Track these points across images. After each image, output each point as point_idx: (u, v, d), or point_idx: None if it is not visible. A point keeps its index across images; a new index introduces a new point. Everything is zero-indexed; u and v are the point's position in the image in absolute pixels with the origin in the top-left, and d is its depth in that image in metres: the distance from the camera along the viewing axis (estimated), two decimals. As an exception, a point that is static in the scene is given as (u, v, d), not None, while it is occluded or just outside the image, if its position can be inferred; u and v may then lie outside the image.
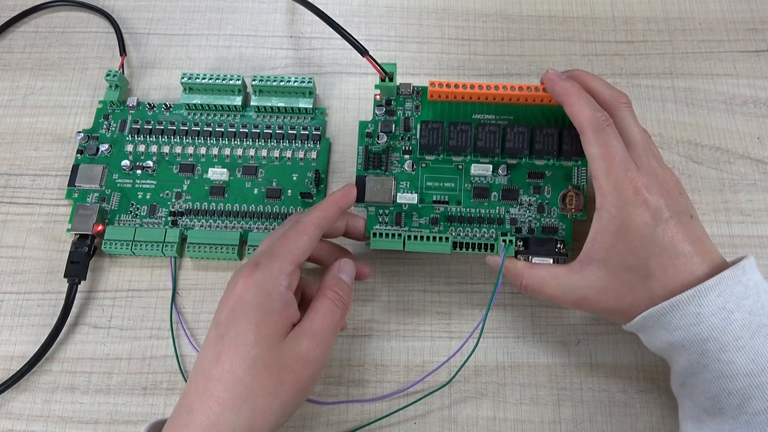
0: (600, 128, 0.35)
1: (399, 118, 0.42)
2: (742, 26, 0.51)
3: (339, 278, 0.36)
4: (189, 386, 0.32)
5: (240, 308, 0.32)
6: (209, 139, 0.45)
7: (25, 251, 0.44)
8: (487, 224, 0.40)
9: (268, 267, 0.33)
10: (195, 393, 0.31)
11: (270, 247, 0.35)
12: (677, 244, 0.33)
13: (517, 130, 0.40)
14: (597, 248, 0.35)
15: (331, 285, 0.36)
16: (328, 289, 0.35)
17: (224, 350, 0.31)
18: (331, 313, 0.34)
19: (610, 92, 0.37)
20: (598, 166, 0.34)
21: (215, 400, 0.30)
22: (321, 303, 0.35)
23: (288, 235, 0.35)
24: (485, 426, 0.39)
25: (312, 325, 0.34)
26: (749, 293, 0.32)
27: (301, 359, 0.32)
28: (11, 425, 0.39)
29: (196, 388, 0.31)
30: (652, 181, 0.34)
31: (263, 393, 0.31)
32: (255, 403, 0.31)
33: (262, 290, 0.33)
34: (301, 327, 0.33)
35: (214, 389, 0.30)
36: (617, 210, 0.34)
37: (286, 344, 0.32)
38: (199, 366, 0.32)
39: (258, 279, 0.33)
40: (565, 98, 0.37)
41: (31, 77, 0.49)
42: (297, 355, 0.32)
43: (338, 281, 0.36)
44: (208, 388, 0.31)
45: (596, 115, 0.35)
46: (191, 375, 0.32)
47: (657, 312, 0.33)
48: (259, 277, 0.33)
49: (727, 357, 0.31)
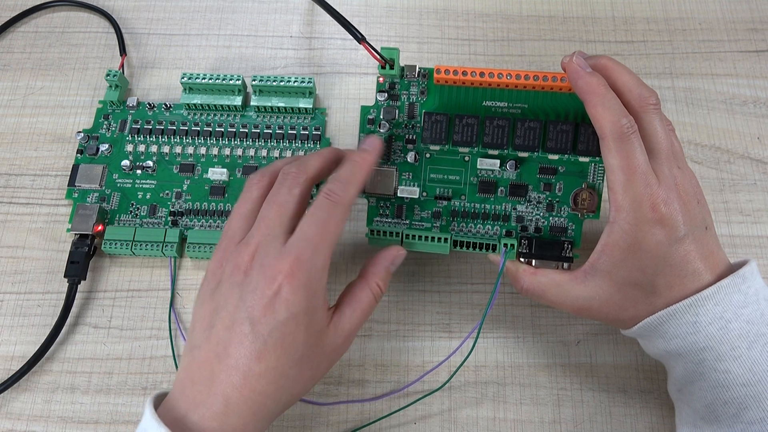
0: (623, 137, 0.32)
1: (403, 104, 0.39)
2: (742, 26, 0.51)
3: (388, 270, 0.35)
4: (219, 379, 0.30)
5: (285, 309, 0.30)
6: (209, 139, 0.45)
7: (25, 251, 0.44)
8: (491, 221, 0.38)
9: (313, 266, 0.31)
10: (231, 386, 0.30)
11: (308, 234, 0.32)
12: (689, 262, 0.32)
13: (528, 125, 0.37)
14: (604, 261, 0.33)
15: (381, 277, 0.35)
16: (375, 281, 0.34)
17: (268, 350, 0.30)
18: (371, 307, 0.34)
19: (638, 91, 0.34)
20: (616, 179, 0.32)
21: (258, 393, 0.30)
22: (365, 294, 0.34)
23: (329, 222, 0.32)
24: (485, 426, 0.39)
25: (353, 318, 0.33)
26: (749, 301, 0.32)
27: (339, 350, 0.33)
28: (11, 425, 0.39)
29: (231, 381, 0.30)
30: (671, 194, 0.32)
31: (303, 381, 0.32)
32: (294, 390, 0.32)
33: (309, 291, 0.31)
34: (342, 318, 0.33)
35: (257, 384, 0.30)
36: (631, 227, 0.32)
37: (328, 336, 0.32)
38: (233, 360, 0.30)
39: (304, 281, 0.31)
40: (587, 96, 0.33)
41: (31, 77, 0.49)
42: (336, 346, 0.33)
43: (387, 274, 0.35)
44: (249, 383, 0.30)
45: (620, 122, 0.32)
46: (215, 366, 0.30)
47: (655, 321, 0.33)
48: (304, 279, 0.31)
49: (724, 366, 0.31)
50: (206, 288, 0.33)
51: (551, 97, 0.37)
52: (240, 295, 0.31)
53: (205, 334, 0.31)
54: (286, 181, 0.34)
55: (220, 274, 0.33)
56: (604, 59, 0.35)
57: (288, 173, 0.34)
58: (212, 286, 0.33)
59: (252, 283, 0.31)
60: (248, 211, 0.34)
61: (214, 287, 0.32)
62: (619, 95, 0.34)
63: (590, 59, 0.35)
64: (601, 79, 0.34)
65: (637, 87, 0.34)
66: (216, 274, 0.33)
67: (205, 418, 0.30)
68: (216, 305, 0.32)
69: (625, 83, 0.34)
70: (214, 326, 0.31)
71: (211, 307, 0.32)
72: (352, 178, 0.34)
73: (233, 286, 0.31)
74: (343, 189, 0.33)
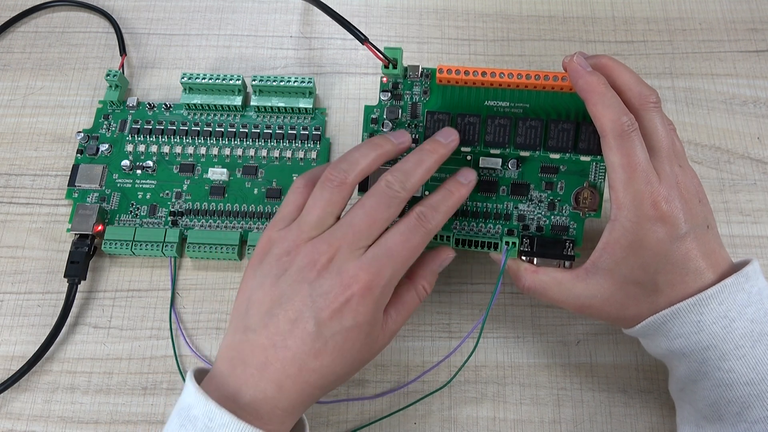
0: (623, 135, 0.32)
1: (406, 104, 0.39)
2: (742, 26, 0.51)
3: (435, 272, 0.36)
4: (274, 367, 0.31)
5: (352, 318, 0.31)
6: (209, 139, 0.45)
7: (25, 251, 0.44)
8: (493, 220, 0.38)
9: (388, 283, 0.32)
10: (285, 375, 0.31)
11: (393, 252, 0.32)
12: (690, 260, 0.32)
13: (530, 124, 0.37)
14: (605, 259, 0.33)
15: (427, 279, 0.36)
16: (422, 284, 0.35)
17: (326, 351, 0.31)
18: (414, 308, 0.35)
19: (638, 89, 0.34)
20: (617, 176, 0.32)
21: (309, 385, 0.31)
22: (411, 296, 0.35)
23: (414, 245, 0.33)
24: (485, 426, 0.39)
25: (398, 319, 0.34)
26: (752, 300, 0.32)
27: (383, 347, 0.34)
28: (11, 425, 0.39)
29: (286, 371, 0.31)
30: (672, 192, 0.32)
31: (348, 375, 0.33)
32: (339, 382, 0.33)
33: (377, 305, 0.32)
34: (388, 320, 0.34)
35: (310, 377, 0.31)
36: (632, 225, 0.32)
37: (379, 340, 0.33)
38: (291, 353, 0.31)
39: (376, 296, 0.32)
40: (587, 95, 0.33)
41: (31, 77, 0.49)
42: (382, 345, 0.34)
43: (433, 276, 0.36)
44: (303, 375, 0.31)
45: (620, 120, 0.32)
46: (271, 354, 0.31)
47: (658, 320, 0.33)
48: (377, 294, 0.32)
49: (728, 365, 0.31)
50: (267, 270, 0.33)
51: (553, 97, 0.37)
52: (310, 293, 0.31)
53: (263, 319, 0.32)
54: (385, 196, 0.33)
55: (287, 263, 0.32)
56: (604, 58, 0.35)
57: (391, 188, 0.33)
58: (277, 272, 0.32)
59: (325, 285, 0.31)
60: (335, 203, 0.33)
61: (280, 273, 0.32)
62: (620, 94, 0.34)
63: (590, 59, 0.35)
64: (602, 77, 0.34)
65: (637, 85, 0.34)
66: (282, 261, 0.33)
67: (257, 400, 0.31)
68: (280, 294, 0.32)
69: (626, 82, 0.34)
70: (275, 315, 0.31)
71: (274, 293, 0.32)
72: (444, 208, 0.34)
73: (302, 282, 0.32)
74: (434, 217, 0.34)
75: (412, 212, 0.34)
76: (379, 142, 0.35)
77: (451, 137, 0.36)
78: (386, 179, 0.34)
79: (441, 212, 0.34)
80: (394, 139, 0.36)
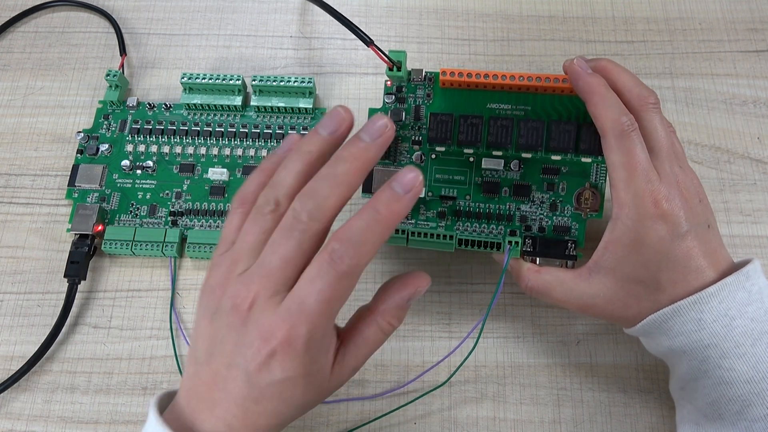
0: (623, 134, 0.33)
1: (410, 107, 0.40)
2: (742, 26, 0.51)
3: (404, 306, 0.31)
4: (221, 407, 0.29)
5: (281, 371, 0.28)
6: (209, 139, 0.45)
7: (25, 251, 0.44)
8: (495, 221, 0.39)
9: (311, 336, 0.28)
10: (232, 415, 0.29)
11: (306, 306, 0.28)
12: (692, 258, 0.32)
13: (532, 125, 0.37)
14: (607, 258, 0.34)
15: (394, 314, 0.31)
16: (388, 320, 0.31)
17: (265, 398, 0.29)
18: (378, 344, 0.31)
19: (638, 91, 0.34)
20: (618, 176, 0.33)
21: (260, 426, 0.29)
22: (372, 332, 0.31)
23: (331, 295, 0.28)
24: (485, 426, 0.39)
25: (358, 355, 0.31)
26: (753, 299, 0.32)
27: (342, 382, 0.31)
28: (11, 425, 0.39)
29: (232, 412, 0.29)
30: (672, 191, 0.32)
31: (304, 411, 0.31)
32: (295, 417, 0.31)
33: (307, 358, 0.28)
34: (346, 356, 0.31)
35: (257, 419, 0.29)
36: (633, 223, 0.32)
37: (331, 381, 0.31)
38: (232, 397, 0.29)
39: (300, 350, 0.28)
40: (588, 96, 0.34)
41: (31, 77, 0.49)
42: (340, 382, 0.31)
43: (401, 310, 0.31)
44: (249, 417, 0.29)
45: (620, 120, 0.33)
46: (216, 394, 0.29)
47: (659, 318, 0.33)
48: (300, 348, 0.28)
49: (728, 364, 0.31)
50: (205, 302, 0.30)
51: (554, 100, 0.38)
52: (236, 341, 0.29)
53: (206, 357, 0.30)
54: (296, 231, 0.28)
55: (218, 299, 0.30)
56: (603, 61, 0.35)
57: (299, 219, 0.28)
58: (211, 308, 0.30)
59: (249, 336, 0.28)
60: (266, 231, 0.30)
61: (213, 311, 0.30)
62: (619, 95, 0.34)
63: (590, 62, 0.36)
64: (601, 79, 0.34)
65: (636, 87, 0.35)
66: (215, 295, 0.30)
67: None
68: (215, 334, 0.30)
69: (625, 83, 0.35)
70: (213, 354, 0.29)
71: (210, 331, 0.30)
72: (370, 238, 0.28)
73: (231, 328, 0.29)
74: (353, 255, 0.27)
75: (325, 250, 0.28)
76: (305, 146, 0.30)
77: (378, 132, 0.29)
78: (293, 206, 0.29)
79: (365, 246, 0.27)
80: (323, 131, 0.30)
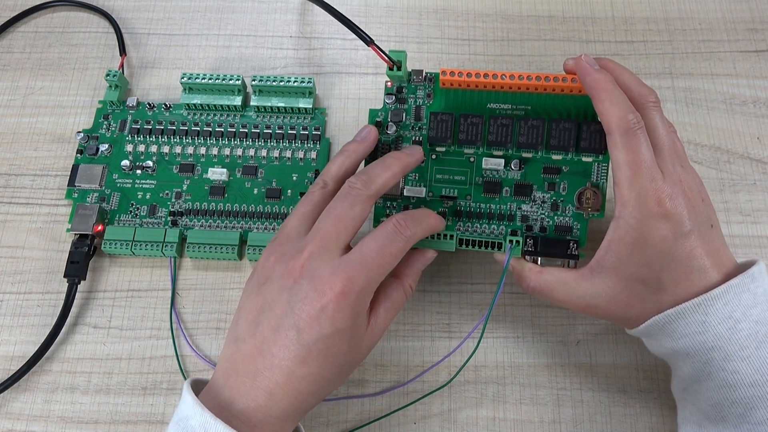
0: (630, 132, 0.32)
1: (410, 107, 0.40)
2: (742, 26, 0.51)
3: (419, 272, 0.37)
4: (263, 376, 0.31)
5: (330, 324, 0.31)
6: (209, 139, 0.45)
7: (25, 251, 0.44)
8: (497, 221, 0.38)
9: (364, 289, 0.32)
10: (275, 383, 0.31)
11: (367, 258, 0.32)
12: (694, 258, 0.32)
13: (532, 124, 0.37)
14: (610, 257, 0.33)
15: (414, 278, 0.36)
16: (408, 282, 0.36)
17: (311, 357, 0.31)
18: (402, 305, 0.35)
19: (638, 89, 0.35)
20: (623, 174, 0.32)
21: (300, 392, 0.31)
22: (398, 294, 0.35)
23: (390, 250, 0.33)
24: (485, 426, 0.39)
25: (387, 317, 0.34)
26: (758, 301, 0.32)
27: (373, 345, 0.34)
28: (11, 425, 0.39)
29: (275, 379, 0.31)
30: (676, 190, 0.32)
31: (341, 380, 0.34)
32: (332, 387, 0.34)
33: (356, 311, 0.32)
34: (377, 319, 0.34)
35: (299, 384, 0.31)
36: (636, 222, 0.32)
37: (366, 340, 0.33)
38: (277, 361, 0.31)
39: (352, 302, 0.31)
40: (595, 92, 0.34)
41: (31, 77, 0.49)
42: (372, 344, 0.34)
43: (418, 275, 0.37)
44: (292, 383, 0.31)
45: (627, 117, 0.32)
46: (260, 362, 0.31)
47: (662, 319, 0.33)
48: (353, 300, 0.31)
49: (732, 366, 0.31)
50: (255, 281, 0.34)
51: (555, 99, 0.38)
52: (288, 300, 0.32)
53: (250, 328, 0.32)
54: (349, 196, 0.34)
55: (269, 271, 0.33)
56: (604, 60, 0.36)
57: (353, 187, 0.34)
58: (261, 281, 0.33)
59: (302, 292, 0.32)
60: (308, 212, 0.35)
61: (263, 282, 0.33)
62: None
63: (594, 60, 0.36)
64: (609, 76, 0.34)
65: (637, 86, 0.35)
66: (266, 269, 0.33)
67: (250, 409, 0.31)
68: (263, 302, 0.32)
69: (625, 82, 0.35)
70: (260, 323, 0.32)
71: (258, 302, 0.33)
72: (422, 218, 0.35)
73: (282, 290, 0.32)
74: (412, 225, 0.34)
75: (391, 220, 0.34)
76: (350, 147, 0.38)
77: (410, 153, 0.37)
78: (349, 180, 0.35)
79: (419, 222, 0.35)
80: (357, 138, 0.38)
